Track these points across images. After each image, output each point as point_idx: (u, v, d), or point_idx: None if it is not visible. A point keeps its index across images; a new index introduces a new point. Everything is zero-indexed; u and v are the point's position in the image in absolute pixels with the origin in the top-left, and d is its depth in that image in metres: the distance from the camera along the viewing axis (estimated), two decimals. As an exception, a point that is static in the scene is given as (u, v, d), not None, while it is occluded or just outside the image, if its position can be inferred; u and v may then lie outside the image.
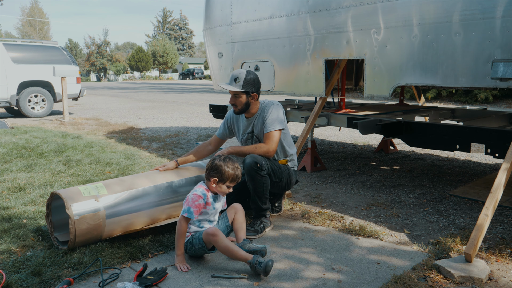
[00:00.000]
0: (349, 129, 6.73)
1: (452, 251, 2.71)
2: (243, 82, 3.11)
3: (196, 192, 2.63)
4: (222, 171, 2.62)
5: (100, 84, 42.61)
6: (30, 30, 66.44)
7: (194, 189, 2.70)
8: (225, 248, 2.46)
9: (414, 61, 3.58)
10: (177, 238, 2.56)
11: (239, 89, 3.09)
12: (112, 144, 6.65)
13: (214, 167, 2.63)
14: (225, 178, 2.62)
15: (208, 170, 2.67)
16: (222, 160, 2.64)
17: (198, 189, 2.66)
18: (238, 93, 3.12)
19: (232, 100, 3.19)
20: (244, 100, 3.15)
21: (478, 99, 14.30)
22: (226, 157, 2.68)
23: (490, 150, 3.51)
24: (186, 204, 2.59)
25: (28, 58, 10.47)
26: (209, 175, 2.65)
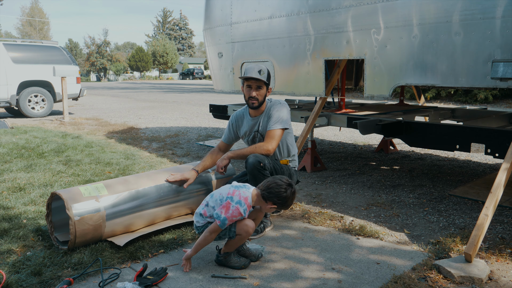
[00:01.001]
0: (349, 129, 6.74)
1: (452, 251, 2.71)
2: (266, 74, 3.12)
3: (240, 207, 2.38)
4: (286, 204, 2.45)
5: (100, 84, 42.62)
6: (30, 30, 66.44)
7: (239, 194, 2.42)
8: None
9: (414, 61, 3.58)
10: (200, 244, 2.46)
11: (265, 80, 3.09)
12: (112, 144, 6.65)
13: (282, 198, 2.41)
14: (283, 207, 2.50)
15: (270, 193, 2.41)
16: (291, 193, 2.43)
17: (242, 201, 2.40)
18: (262, 84, 3.11)
19: (254, 92, 3.11)
20: (264, 92, 3.15)
21: (478, 99, 14.29)
22: (294, 190, 2.48)
23: (490, 150, 3.51)
24: (224, 213, 2.37)
25: (28, 58, 10.47)
26: (270, 199, 2.42)
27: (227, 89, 5.62)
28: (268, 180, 2.46)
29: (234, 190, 2.44)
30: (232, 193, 2.43)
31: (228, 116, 5.96)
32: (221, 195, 2.45)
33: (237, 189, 2.45)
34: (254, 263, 2.59)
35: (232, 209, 2.37)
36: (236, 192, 2.42)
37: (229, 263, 2.51)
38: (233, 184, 2.53)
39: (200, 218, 2.51)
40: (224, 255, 2.52)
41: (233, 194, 2.42)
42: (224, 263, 2.52)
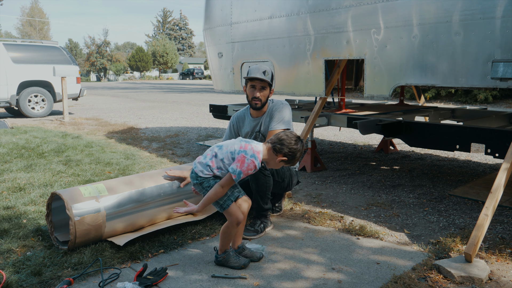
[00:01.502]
0: (349, 129, 6.74)
1: (452, 251, 2.71)
2: (271, 75, 3.13)
3: (255, 160, 2.31)
4: (295, 157, 2.40)
5: (100, 84, 42.62)
6: (30, 30, 66.44)
7: (251, 148, 2.34)
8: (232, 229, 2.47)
9: (414, 61, 3.58)
10: (210, 198, 2.35)
11: (269, 80, 3.09)
12: (112, 144, 6.65)
13: (293, 150, 2.37)
14: (291, 162, 2.44)
15: (282, 144, 2.37)
16: (301, 146, 2.42)
17: (256, 155, 2.33)
18: (266, 85, 3.11)
19: (257, 94, 3.11)
20: (267, 93, 3.15)
21: (478, 99, 14.30)
22: (303, 144, 2.46)
23: (490, 150, 3.51)
24: (239, 167, 2.29)
25: (28, 58, 10.47)
26: (281, 150, 2.36)
27: (227, 89, 5.62)
28: (279, 134, 2.42)
29: (246, 144, 2.36)
30: (244, 147, 2.34)
31: (228, 116, 5.96)
32: (233, 149, 2.36)
33: (248, 143, 2.37)
34: (254, 263, 2.59)
35: (247, 163, 2.30)
36: (248, 146, 2.35)
37: (228, 263, 2.51)
38: (241, 139, 2.45)
39: (206, 168, 2.40)
40: (223, 255, 2.51)
41: (246, 148, 2.34)
42: (224, 263, 2.51)
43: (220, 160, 2.39)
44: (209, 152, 2.44)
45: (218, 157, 2.39)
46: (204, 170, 2.41)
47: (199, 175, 2.42)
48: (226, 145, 2.41)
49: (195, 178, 2.44)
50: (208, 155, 2.43)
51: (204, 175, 2.41)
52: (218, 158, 2.39)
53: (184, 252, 2.74)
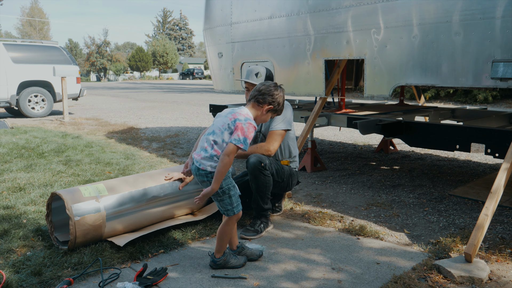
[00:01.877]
0: (349, 129, 6.74)
1: (452, 251, 2.71)
2: (264, 77, 3.11)
3: (250, 121, 2.30)
4: (279, 103, 2.41)
5: (100, 84, 42.62)
6: (30, 30, 66.43)
7: (239, 113, 2.32)
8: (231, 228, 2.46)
9: (414, 61, 3.58)
10: (222, 172, 2.25)
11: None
12: (112, 144, 6.65)
13: (275, 96, 2.38)
14: (278, 111, 2.44)
15: (263, 94, 2.38)
16: (281, 91, 2.43)
17: (248, 117, 2.32)
18: None
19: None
20: None
21: (477, 99, 14.30)
22: (282, 89, 2.47)
23: (490, 150, 3.51)
24: (241, 134, 2.24)
25: (28, 58, 10.47)
26: (265, 100, 2.37)
27: (227, 89, 5.62)
28: (256, 87, 2.42)
29: (233, 114, 2.32)
30: (234, 116, 2.31)
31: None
32: (225, 125, 2.31)
33: (234, 112, 2.33)
34: (255, 263, 2.59)
35: (246, 127, 2.26)
36: (237, 114, 2.32)
37: (228, 264, 2.50)
38: (225, 112, 2.40)
39: (213, 160, 2.31)
40: (223, 257, 2.48)
41: (237, 116, 2.30)
42: (224, 266, 2.49)
43: (222, 143, 2.31)
44: (206, 144, 2.34)
45: (219, 143, 2.31)
46: (212, 164, 2.31)
47: (209, 171, 2.31)
48: (216, 127, 2.34)
49: (205, 176, 2.33)
50: (208, 147, 2.33)
51: (214, 169, 2.30)
52: (220, 143, 2.31)
53: (184, 252, 2.74)
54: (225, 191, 2.37)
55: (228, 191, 2.38)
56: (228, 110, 2.40)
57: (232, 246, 2.58)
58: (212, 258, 2.50)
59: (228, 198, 2.39)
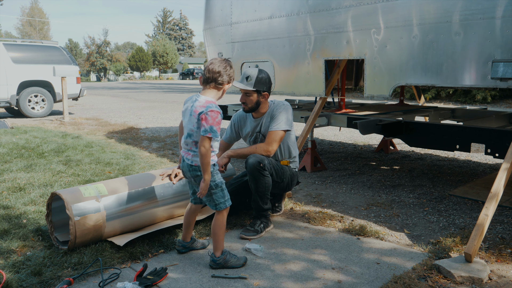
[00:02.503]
0: (349, 129, 6.73)
1: (452, 251, 2.71)
2: (254, 80, 3.10)
3: (212, 108, 2.36)
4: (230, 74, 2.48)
5: (100, 84, 42.61)
6: (30, 30, 66.44)
7: (198, 106, 2.39)
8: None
9: (414, 61, 3.58)
10: (207, 162, 2.35)
11: (251, 88, 3.07)
12: (112, 144, 6.65)
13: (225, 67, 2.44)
14: (230, 81, 2.50)
15: (222, 75, 2.43)
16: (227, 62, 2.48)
17: (210, 104, 2.38)
18: (249, 91, 3.10)
19: (243, 99, 3.13)
20: (255, 99, 3.13)
21: (476, 99, 14.30)
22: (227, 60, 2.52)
23: (490, 150, 3.51)
24: (207, 124, 2.33)
25: (28, 58, 10.47)
26: (220, 76, 2.43)
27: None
28: (206, 70, 2.45)
29: (194, 109, 2.40)
30: (196, 111, 2.39)
31: (228, 116, 5.96)
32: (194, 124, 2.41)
33: (193, 107, 2.41)
34: (255, 263, 2.59)
35: (210, 116, 2.34)
36: (196, 108, 2.39)
37: (229, 263, 2.50)
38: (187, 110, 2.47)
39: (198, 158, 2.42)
40: (222, 256, 2.50)
41: (198, 111, 2.38)
42: (224, 265, 2.50)
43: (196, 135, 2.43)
44: (189, 146, 2.47)
45: (192, 137, 2.44)
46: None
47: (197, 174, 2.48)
48: (189, 129, 2.45)
49: (198, 170, 2.46)
50: (192, 147, 2.46)
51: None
52: (194, 137, 2.44)
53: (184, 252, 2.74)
54: (218, 184, 2.50)
55: (221, 184, 2.52)
56: (188, 106, 2.47)
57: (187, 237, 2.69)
58: (212, 258, 2.51)
59: (220, 191, 2.51)
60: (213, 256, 2.50)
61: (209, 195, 2.49)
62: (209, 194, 2.48)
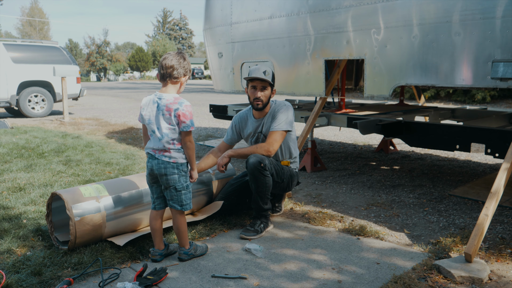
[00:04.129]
0: (349, 129, 6.74)
1: (452, 251, 2.71)
2: (271, 75, 3.11)
3: (185, 103, 2.43)
4: (190, 68, 2.52)
5: (100, 84, 42.61)
6: (30, 30, 66.42)
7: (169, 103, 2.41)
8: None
9: (414, 61, 3.58)
10: (193, 155, 2.51)
11: (270, 80, 3.08)
12: (112, 144, 6.65)
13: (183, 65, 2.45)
14: (190, 74, 2.55)
15: (177, 69, 2.43)
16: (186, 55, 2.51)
17: (182, 101, 2.44)
18: (267, 85, 3.09)
19: (258, 94, 3.09)
20: (269, 93, 3.13)
21: (476, 99, 14.30)
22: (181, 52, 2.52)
23: (490, 150, 3.51)
24: (186, 118, 2.42)
25: (28, 58, 10.47)
26: (180, 73, 2.45)
27: (227, 89, 5.62)
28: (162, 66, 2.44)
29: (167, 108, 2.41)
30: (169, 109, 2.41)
31: (228, 116, 5.96)
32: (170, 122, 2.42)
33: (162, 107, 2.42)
34: (255, 263, 2.59)
35: (185, 111, 2.42)
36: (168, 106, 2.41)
37: (197, 252, 2.65)
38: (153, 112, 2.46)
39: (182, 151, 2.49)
40: (191, 247, 2.61)
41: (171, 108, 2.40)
42: (195, 254, 2.62)
43: (179, 136, 2.47)
44: (167, 146, 2.45)
45: (176, 137, 2.46)
46: (182, 155, 2.50)
47: (180, 163, 2.49)
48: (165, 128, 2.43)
49: (176, 168, 2.47)
50: (171, 146, 2.46)
51: (185, 159, 2.52)
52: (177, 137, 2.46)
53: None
54: (189, 185, 2.57)
55: (190, 186, 2.59)
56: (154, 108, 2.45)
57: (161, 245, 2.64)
58: (183, 251, 2.60)
59: (189, 193, 2.57)
60: (184, 249, 2.60)
61: (179, 195, 2.51)
62: (179, 194, 2.51)
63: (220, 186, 3.46)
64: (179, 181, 2.49)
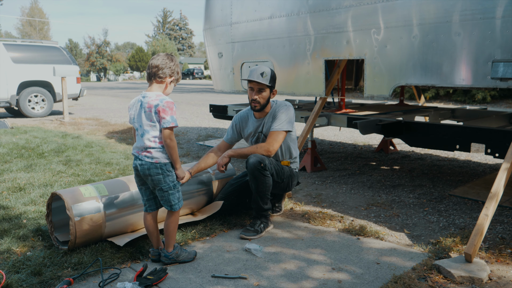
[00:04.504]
0: (349, 129, 6.74)
1: (452, 251, 2.71)
2: (270, 77, 3.10)
3: (166, 99, 2.39)
4: (178, 71, 2.48)
5: (100, 84, 42.61)
6: (30, 30, 66.41)
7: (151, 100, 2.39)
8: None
9: (414, 61, 3.58)
10: (176, 154, 2.44)
11: (267, 83, 3.07)
12: (112, 144, 6.65)
13: (170, 66, 2.43)
14: (178, 77, 2.51)
15: (162, 69, 2.42)
16: (174, 58, 2.49)
17: (162, 97, 2.40)
18: (265, 87, 3.09)
19: (256, 95, 3.10)
20: (267, 95, 3.13)
21: (476, 99, 14.30)
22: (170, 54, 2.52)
23: (490, 150, 3.51)
24: (167, 115, 2.36)
25: (28, 58, 10.47)
26: (165, 74, 2.43)
27: (227, 89, 5.62)
28: (150, 64, 2.43)
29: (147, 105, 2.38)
30: (150, 106, 2.38)
31: (228, 116, 5.96)
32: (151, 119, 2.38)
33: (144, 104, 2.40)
34: (255, 263, 2.59)
35: (166, 106, 2.36)
36: (149, 102, 2.38)
37: (180, 258, 2.57)
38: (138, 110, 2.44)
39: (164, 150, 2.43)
40: (174, 251, 2.54)
41: (152, 104, 2.37)
42: (176, 259, 2.55)
43: (160, 133, 2.41)
44: (149, 143, 2.42)
45: (158, 135, 2.41)
46: (165, 155, 2.44)
47: (164, 162, 2.43)
48: (147, 125, 2.41)
49: (159, 168, 2.42)
50: (152, 144, 2.42)
51: (168, 159, 2.46)
52: (159, 135, 2.41)
53: (184, 252, 2.74)
54: (176, 185, 2.52)
55: (178, 186, 2.54)
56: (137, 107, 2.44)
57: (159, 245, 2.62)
58: (165, 253, 2.54)
59: (177, 192, 2.52)
60: (165, 252, 2.54)
61: (167, 195, 2.48)
62: (167, 195, 2.48)
63: (220, 186, 3.46)
64: (165, 181, 2.45)
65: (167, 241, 2.55)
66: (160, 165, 2.43)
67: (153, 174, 2.44)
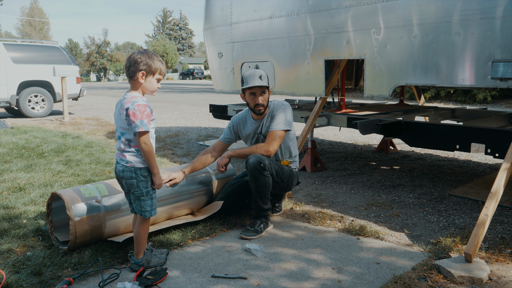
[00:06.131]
0: (349, 129, 6.74)
1: (452, 251, 2.71)
2: (266, 77, 3.15)
3: (138, 102, 2.30)
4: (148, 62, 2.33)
5: (100, 84, 42.61)
6: (30, 30, 66.42)
7: (126, 101, 2.32)
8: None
9: (414, 61, 3.58)
10: (152, 158, 2.35)
11: (267, 84, 3.11)
12: (112, 144, 6.64)
13: (136, 61, 2.32)
14: (153, 69, 2.36)
15: (129, 68, 2.34)
16: (145, 52, 2.38)
17: (136, 99, 2.31)
18: (265, 89, 3.12)
19: (260, 100, 3.11)
20: (268, 96, 3.17)
21: (477, 99, 14.30)
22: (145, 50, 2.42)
23: (490, 150, 3.51)
24: (136, 118, 2.27)
25: (28, 58, 10.47)
26: (135, 70, 2.32)
27: (227, 89, 5.62)
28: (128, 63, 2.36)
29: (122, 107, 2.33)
30: (123, 108, 2.32)
31: (228, 116, 5.96)
32: (124, 122, 2.33)
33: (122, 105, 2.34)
34: (255, 263, 2.59)
35: (136, 110, 2.27)
36: (124, 104, 2.33)
37: (151, 263, 2.51)
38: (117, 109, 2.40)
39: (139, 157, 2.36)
40: (145, 257, 2.47)
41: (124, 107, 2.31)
42: (148, 266, 2.48)
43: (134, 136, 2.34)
44: (123, 146, 2.37)
45: (132, 139, 2.34)
46: (138, 159, 2.36)
47: (138, 167, 2.36)
48: (121, 127, 2.36)
49: (134, 172, 2.36)
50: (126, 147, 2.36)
51: (142, 164, 2.38)
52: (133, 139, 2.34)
53: (184, 252, 2.74)
54: (149, 192, 2.43)
55: (151, 193, 2.45)
56: (118, 106, 2.40)
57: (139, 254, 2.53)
58: (135, 261, 2.47)
59: (150, 199, 2.44)
60: (135, 259, 2.47)
61: (140, 200, 2.41)
62: (138, 201, 2.41)
63: (220, 186, 3.46)
64: (138, 186, 2.38)
65: (136, 248, 2.47)
66: (134, 169, 2.36)
67: (127, 178, 2.38)
